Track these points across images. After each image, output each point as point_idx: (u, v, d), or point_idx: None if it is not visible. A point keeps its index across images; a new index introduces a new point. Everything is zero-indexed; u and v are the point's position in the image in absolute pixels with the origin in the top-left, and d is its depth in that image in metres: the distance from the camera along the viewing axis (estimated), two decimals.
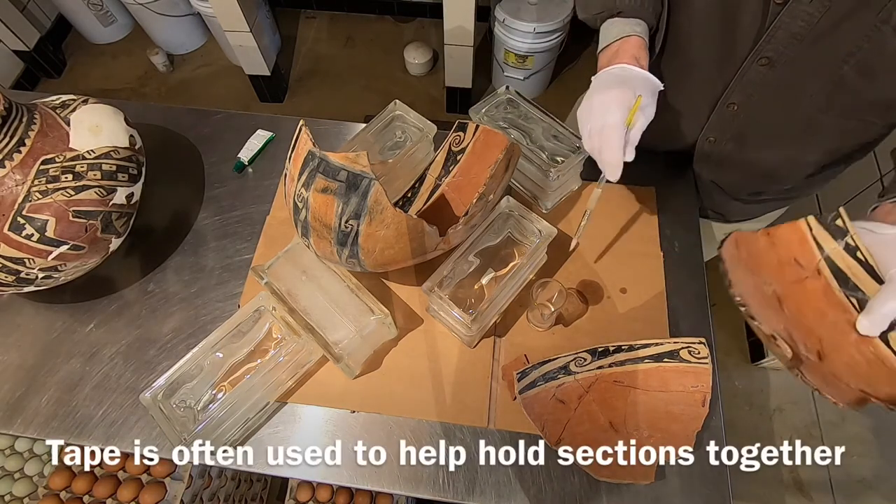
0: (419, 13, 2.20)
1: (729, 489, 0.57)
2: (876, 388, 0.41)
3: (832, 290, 0.41)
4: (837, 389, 0.44)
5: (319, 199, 0.50)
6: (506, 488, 0.58)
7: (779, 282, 0.45)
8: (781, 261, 0.44)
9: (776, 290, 0.45)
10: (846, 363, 0.42)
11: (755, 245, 0.46)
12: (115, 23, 2.12)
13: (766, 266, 0.46)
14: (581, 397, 0.60)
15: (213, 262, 0.72)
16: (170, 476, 0.93)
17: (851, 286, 0.40)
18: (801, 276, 0.43)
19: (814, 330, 0.43)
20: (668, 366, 0.60)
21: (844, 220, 0.40)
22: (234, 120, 0.85)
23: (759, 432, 1.36)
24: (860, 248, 0.40)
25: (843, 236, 0.40)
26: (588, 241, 0.72)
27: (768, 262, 0.45)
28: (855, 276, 0.40)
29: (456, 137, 0.66)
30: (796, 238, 0.43)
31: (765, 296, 0.47)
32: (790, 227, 0.43)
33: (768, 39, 0.52)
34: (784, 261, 0.44)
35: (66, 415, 0.62)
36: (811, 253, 0.42)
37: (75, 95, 0.66)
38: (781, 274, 0.44)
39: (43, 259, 0.57)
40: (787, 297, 0.45)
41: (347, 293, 0.61)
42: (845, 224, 0.40)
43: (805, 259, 0.42)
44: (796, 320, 0.45)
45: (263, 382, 0.58)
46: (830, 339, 0.42)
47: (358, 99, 2.02)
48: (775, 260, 0.45)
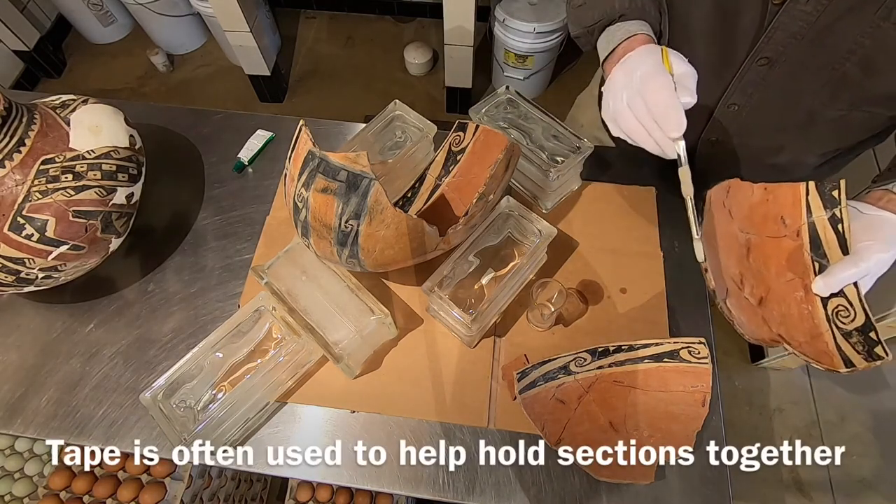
0: (419, 13, 2.20)
1: (729, 489, 0.57)
2: (793, 336, 0.47)
3: (802, 252, 0.45)
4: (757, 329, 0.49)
5: (319, 199, 0.50)
6: (506, 488, 0.58)
7: (756, 233, 0.49)
8: (768, 216, 0.48)
9: (749, 240, 0.50)
10: (782, 313, 0.47)
11: (748, 194, 0.50)
12: (115, 23, 2.12)
13: (750, 216, 0.50)
14: (581, 397, 0.60)
15: (213, 262, 0.72)
16: (170, 476, 0.93)
17: (821, 253, 0.45)
18: (780, 233, 0.47)
19: (768, 281, 0.48)
20: (668, 366, 0.60)
21: (841, 192, 0.43)
22: (234, 120, 0.85)
23: (759, 432, 1.36)
24: (843, 222, 0.44)
25: (833, 207, 0.44)
26: (588, 241, 0.72)
27: (755, 214, 0.49)
28: (827, 245, 0.44)
29: (456, 137, 0.66)
30: (791, 199, 0.46)
31: (735, 241, 0.51)
32: (790, 187, 0.46)
33: (767, 40, 0.52)
34: (771, 216, 0.48)
35: (66, 415, 0.62)
36: (799, 215, 0.46)
37: (75, 95, 0.66)
38: (763, 227, 0.48)
39: (43, 259, 0.57)
40: (757, 247, 0.49)
41: (347, 293, 0.61)
42: (839, 196, 0.43)
43: (791, 219, 0.46)
44: (756, 269, 0.49)
45: (263, 382, 0.58)
46: (779, 291, 0.47)
47: (358, 99, 2.02)
48: (762, 213, 0.48)
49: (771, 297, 0.48)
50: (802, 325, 0.46)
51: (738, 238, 0.51)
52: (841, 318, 0.44)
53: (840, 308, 0.44)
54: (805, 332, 0.46)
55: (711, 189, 0.54)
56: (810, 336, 0.46)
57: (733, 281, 0.51)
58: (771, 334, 0.48)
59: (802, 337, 0.46)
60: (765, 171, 0.69)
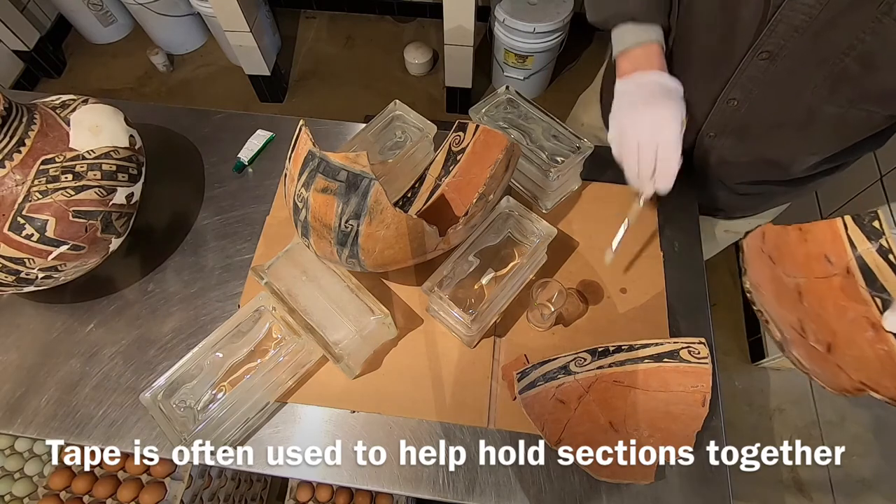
0: (419, 13, 2.20)
1: (729, 489, 0.57)
2: (878, 382, 0.42)
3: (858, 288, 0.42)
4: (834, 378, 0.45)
5: (319, 199, 0.50)
6: (506, 488, 0.58)
7: (804, 275, 0.46)
8: (810, 256, 0.46)
9: (798, 283, 0.47)
10: (856, 357, 0.43)
11: (784, 238, 0.48)
12: (115, 23, 2.12)
13: (792, 259, 0.47)
14: (581, 397, 0.60)
15: (213, 262, 0.72)
16: (170, 476, 0.93)
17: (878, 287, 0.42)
18: (829, 272, 0.44)
19: (830, 324, 0.45)
20: (668, 366, 0.60)
21: (882, 221, 0.42)
22: (234, 120, 0.85)
23: (759, 432, 1.36)
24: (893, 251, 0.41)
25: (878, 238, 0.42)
26: (588, 241, 0.72)
27: (796, 256, 0.47)
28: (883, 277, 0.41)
29: (456, 137, 0.66)
30: (830, 236, 0.44)
31: (784, 287, 0.48)
32: (825, 224, 0.44)
33: (769, 33, 0.52)
34: (813, 256, 0.45)
35: (66, 415, 0.62)
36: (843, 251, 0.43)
37: (75, 95, 0.66)
38: (808, 268, 0.46)
39: (43, 259, 0.57)
40: (809, 290, 0.46)
41: (347, 293, 0.61)
42: (881, 226, 0.42)
43: (836, 257, 0.44)
44: (815, 313, 0.46)
45: (263, 382, 0.58)
46: (846, 333, 0.44)
47: (358, 99, 2.02)
48: (803, 254, 0.46)
49: (839, 341, 0.44)
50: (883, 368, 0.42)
51: (787, 283, 0.48)
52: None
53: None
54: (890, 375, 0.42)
55: (745, 239, 0.53)
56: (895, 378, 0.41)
57: (794, 329, 0.48)
58: (852, 383, 0.44)
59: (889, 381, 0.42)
60: (763, 168, 0.69)
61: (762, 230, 0.51)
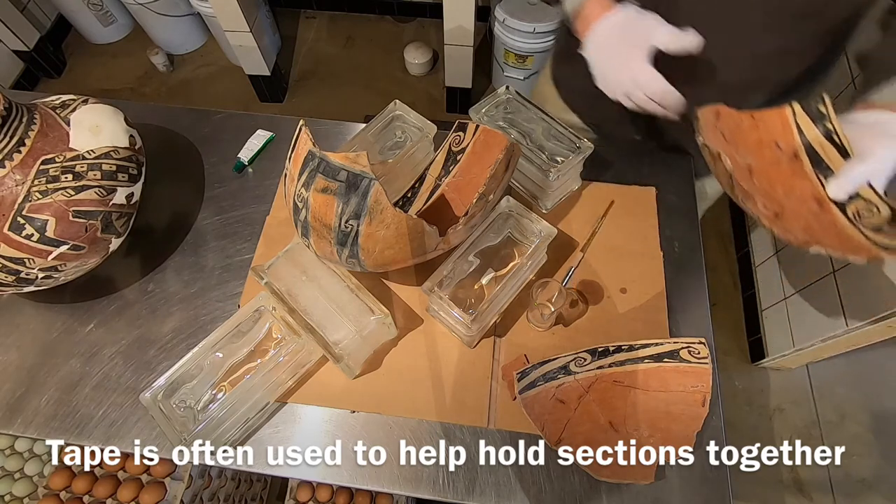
0: (419, 13, 2.20)
1: (729, 489, 0.57)
2: (822, 241, 0.48)
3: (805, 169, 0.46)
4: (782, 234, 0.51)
5: (319, 199, 0.50)
6: (506, 488, 0.58)
7: (755, 159, 0.50)
8: (762, 142, 0.49)
9: (750, 164, 0.51)
10: (801, 225, 0.48)
11: (738, 122, 0.51)
12: (115, 23, 2.12)
13: (744, 143, 0.51)
14: (581, 397, 0.60)
15: (213, 262, 0.72)
16: (170, 476, 0.93)
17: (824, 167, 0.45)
18: (778, 157, 0.48)
19: (778, 200, 0.49)
20: (668, 366, 0.60)
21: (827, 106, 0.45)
22: (234, 120, 0.85)
23: (759, 432, 1.36)
24: (837, 132, 0.45)
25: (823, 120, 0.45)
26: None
27: (748, 141, 0.50)
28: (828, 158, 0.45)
29: (456, 137, 0.66)
30: (780, 122, 0.47)
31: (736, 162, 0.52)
32: (776, 112, 0.47)
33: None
34: (765, 143, 0.48)
35: (66, 415, 0.62)
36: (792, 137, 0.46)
37: (75, 95, 0.66)
38: (759, 153, 0.49)
39: (43, 259, 0.57)
40: (759, 172, 0.50)
41: (347, 293, 0.61)
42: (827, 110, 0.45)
43: (785, 142, 0.47)
44: (764, 190, 0.50)
45: (263, 382, 0.58)
46: (793, 208, 0.48)
47: (358, 99, 2.02)
48: (755, 140, 0.49)
49: (786, 213, 0.49)
50: (827, 232, 0.46)
51: (738, 160, 0.52)
52: (864, 216, 0.44)
53: (859, 210, 0.44)
54: (833, 236, 0.46)
55: (701, 110, 0.55)
56: (839, 239, 0.46)
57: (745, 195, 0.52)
58: (798, 241, 0.49)
59: (831, 241, 0.47)
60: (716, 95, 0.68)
61: (716, 108, 0.53)
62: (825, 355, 1.26)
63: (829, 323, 1.15)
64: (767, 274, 1.44)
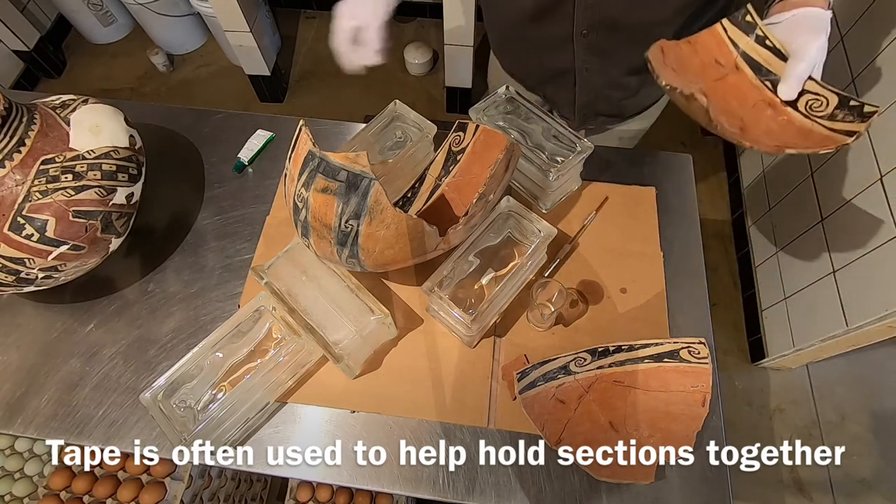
0: (419, 13, 2.20)
1: (729, 489, 0.57)
2: (788, 142, 0.51)
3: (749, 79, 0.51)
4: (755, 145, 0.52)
5: (319, 199, 0.50)
6: (506, 488, 0.58)
7: (703, 80, 0.53)
8: (704, 63, 0.53)
9: (701, 88, 0.53)
10: (763, 131, 0.51)
11: (679, 52, 0.55)
12: (115, 23, 2.12)
13: (690, 69, 0.54)
14: (581, 397, 0.60)
15: (213, 262, 0.72)
16: (170, 476, 0.93)
17: (765, 72, 0.50)
18: (722, 73, 0.52)
19: (736, 113, 0.52)
20: (668, 366, 0.60)
21: (753, 15, 0.50)
22: (234, 120, 0.85)
23: (759, 432, 1.36)
24: (768, 37, 0.49)
25: (753, 30, 0.50)
26: (588, 241, 0.72)
27: (692, 66, 0.54)
28: (767, 63, 0.50)
29: (456, 137, 0.66)
30: (714, 41, 0.52)
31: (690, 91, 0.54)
32: (708, 32, 0.52)
33: None
34: (706, 63, 0.53)
35: (66, 415, 0.62)
36: (728, 51, 0.52)
37: (75, 95, 0.66)
38: (705, 74, 0.53)
39: (43, 259, 0.57)
40: (711, 92, 0.53)
41: (347, 293, 0.61)
42: (754, 19, 0.49)
43: (724, 58, 0.52)
44: (721, 108, 0.53)
45: (263, 382, 0.58)
46: (751, 117, 0.52)
47: (358, 99, 2.02)
48: (698, 63, 0.54)
49: (747, 124, 0.52)
50: (789, 132, 0.50)
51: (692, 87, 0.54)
52: (815, 108, 0.49)
53: (810, 101, 0.49)
54: (795, 135, 0.50)
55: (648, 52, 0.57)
56: (802, 136, 0.50)
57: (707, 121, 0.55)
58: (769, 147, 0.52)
59: (795, 139, 0.51)
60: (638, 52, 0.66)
61: (660, 45, 0.56)
62: (825, 355, 1.26)
63: (829, 323, 1.15)
64: (767, 274, 1.44)
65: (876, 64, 1.07)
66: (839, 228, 1.15)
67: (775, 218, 1.42)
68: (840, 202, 1.15)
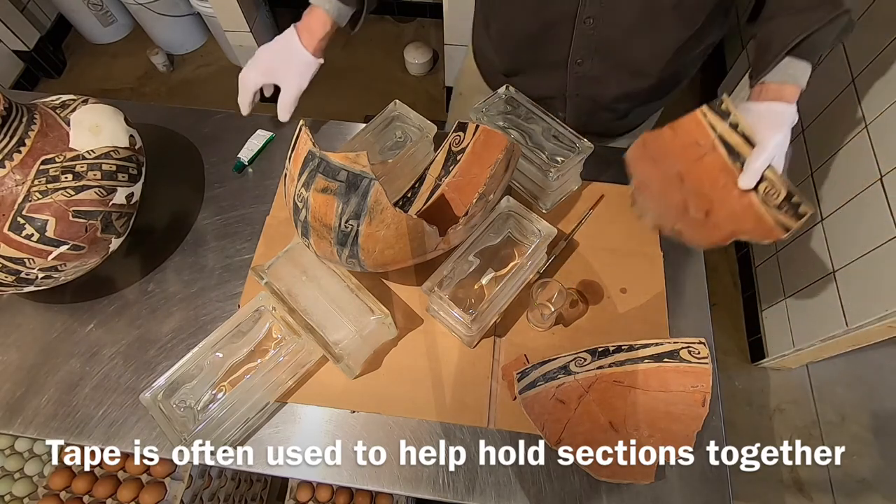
0: (419, 13, 2.20)
1: (729, 489, 0.57)
2: (743, 228, 0.56)
3: (723, 160, 0.56)
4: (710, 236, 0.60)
5: (319, 199, 0.50)
6: (506, 488, 0.58)
7: (683, 162, 0.60)
8: (684, 145, 0.59)
9: (680, 171, 0.60)
10: (727, 213, 0.57)
11: (661, 139, 0.61)
12: (115, 23, 2.12)
13: (671, 153, 0.60)
14: (581, 397, 0.60)
15: (213, 262, 0.72)
16: (170, 476, 0.93)
17: (735, 154, 0.55)
18: (700, 153, 0.58)
19: (708, 194, 0.58)
20: (668, 366, 0.60)
21: (728, 104, 0.55)
22: (234, 120, 0.85)
23: (759, 432, 1.36)
24: (740, 124, 0.55)
25: (727, 116, 0.55)
26: (588, 241, 0.72)
27: (674, 149, 0.60)
28: (738, 147, 0.55)
29: (456, 137, 0.66)
30: (695, 124, 0.58)
31: (668, 178, 0.61)
32: (689, 117, 0.58)
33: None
34: (687, 144, 0.59)
35: (66, 415, 0.62)
36: (707, 134, 0.57)
37: (75, 95, 0.66)
38: (685, 155, 0.59)
39: (43, 259, 0.57)
40: (689, 173, 0.60)
41: (347, 293, 0.61)
42: (728, 107, 0.55)
43: (703, 139, 0.57)
44: (695, 189, 0.59)
45: (263, 382, 0.58)
46: (719, 198, 0.58)
47: (358, 99, 2.02)
48: (679, 145, 0.59)
49: (714, 206, 0.58)
50: (748, 216, 0.56)
51: (669, 174, 0.61)
52: (770, 196, 0.54)
53: (767, 188, 0.54)
54: (751, 220, 0.56)
55: (627, 152, 0.64)
56: (756, 222, 0.55)
57: (678, 209, 0.61)
58: (724, 234, 0.58)
59: (749, 224, 0.56)
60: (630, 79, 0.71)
61: (642, 139, 0.63)
62: (825, 355, 1.26)
63: (829, 323, 1.15)
64: (767, 274, 1.44)
65: (876, 64, 1.07)
66: (839, 228, 1.15)
67: None
68: (840, 202, 1.15)
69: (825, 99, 1.23)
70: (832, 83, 1.20)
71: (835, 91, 1.19)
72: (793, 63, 0.57)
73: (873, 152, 1.05)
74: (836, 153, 1.18)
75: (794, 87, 0.57)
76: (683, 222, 0.61)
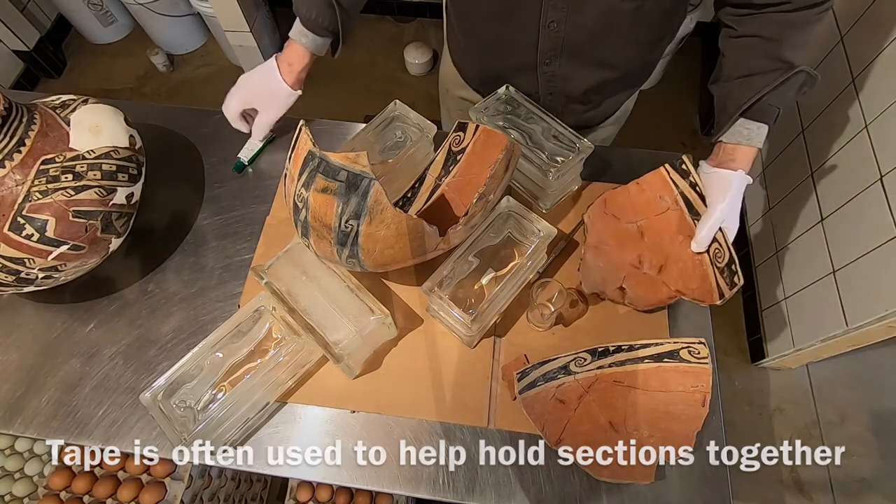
0: (419, 13, 2.20)
1: (729, 489, 0.57)
2: (689, 286, 0.59)
3: (684, 216, 0.60)
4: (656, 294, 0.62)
5: (319, 199, 0.50)
6: (506, 488, 0.58)
7: (645, 215, 0.64)
8: (649, 199, 0.63)
9: (640, 225, 0.64)
10: (679, 270, 0.60)
11: (626, 195, 0.65)
12: (115, 23, 2.12)
13: (635, 206, 0.65)
14: (581, 397, 0.60)
15: (213, 262, 0.72)
16: (170, 476, 0.93)
17: (695, 212, 0.60)
18: (663, 207, 0.62)
19: (665, 248, 0.62)
20: (668, 366, 0.60)
21: (687, 164, 0.60)
22: None
23: (759, 432, 1.36)
24: (698, 184, 0.59)
25: (688, 176, 0.60)
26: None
27: (638, 203, 0.64)
28: (697, 204, 0.59)
29: (456, 137, 0.66)
30: (660, 181, 0.62)
31: (627, 233, 0.65)
32: (655, 173, 0.63)
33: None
34: (651, 199, 0.63)
35: (66, 415, 0.62)
36: (670, 190, 0.62)
37: (75, 95, 0.66)
38: (648, 209, 0.64)
39: (43, 259, 0.57)
40: (649, 227, 0.64)
41: (347, 293, 0.61)
42: (688, 167, 0.60)
43: (667, 194, 0.62)
44: (654, 243, 0.63)
45: (263, 382, 0.58)
46: (675, 253, 0.61)
47: (358, 99, 2.02)
48: (644, 200, 0.64)
49: (669, 261, 0.61)
50: (696, 274, 0.59)
51: (629, 230, 0.65)
52: (718, 258, 0.57)
53: (717, 250, 0.57)
54: (698, 279, 0.59)
55: (587, 212, 0.67)
56: (701, 280, 0.58)
57: (632, 265, 0.64)
58: (669, 293, 0.61)
59: (695, 283, 0.59)
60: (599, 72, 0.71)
61: (603, 198, 0.67)
62: (825, 355, 1.26)
63: (829, 323, 1.15)
64: (767, 274, 1.44)
65: (876, 64, 1.07)
66: (839, 228, 1.15)
67: (775, 218, 1.42)
68: (840, 202, 1.15)
69: (825, 99, 1.23)
70: (832, 83, 1.20)
71: (835, 91, 1.19)
72: (747, 124, 0.60)
73: (873, 152, 1.05)
74: (836, 153, 1.18)
75: (749, 148, 0.60)
76: (633, 279, 0.63)
